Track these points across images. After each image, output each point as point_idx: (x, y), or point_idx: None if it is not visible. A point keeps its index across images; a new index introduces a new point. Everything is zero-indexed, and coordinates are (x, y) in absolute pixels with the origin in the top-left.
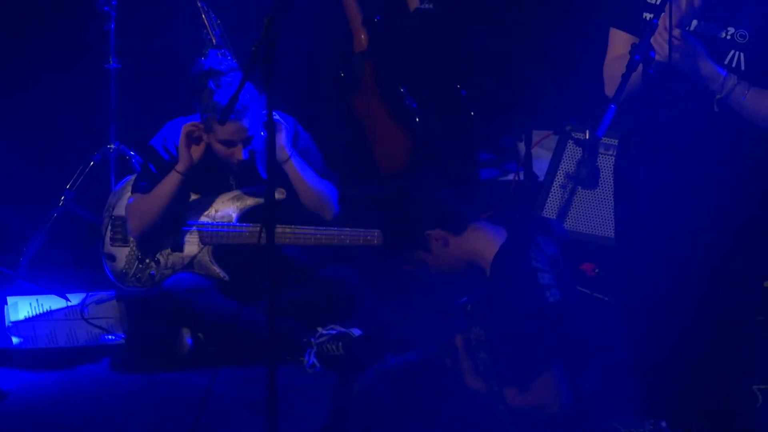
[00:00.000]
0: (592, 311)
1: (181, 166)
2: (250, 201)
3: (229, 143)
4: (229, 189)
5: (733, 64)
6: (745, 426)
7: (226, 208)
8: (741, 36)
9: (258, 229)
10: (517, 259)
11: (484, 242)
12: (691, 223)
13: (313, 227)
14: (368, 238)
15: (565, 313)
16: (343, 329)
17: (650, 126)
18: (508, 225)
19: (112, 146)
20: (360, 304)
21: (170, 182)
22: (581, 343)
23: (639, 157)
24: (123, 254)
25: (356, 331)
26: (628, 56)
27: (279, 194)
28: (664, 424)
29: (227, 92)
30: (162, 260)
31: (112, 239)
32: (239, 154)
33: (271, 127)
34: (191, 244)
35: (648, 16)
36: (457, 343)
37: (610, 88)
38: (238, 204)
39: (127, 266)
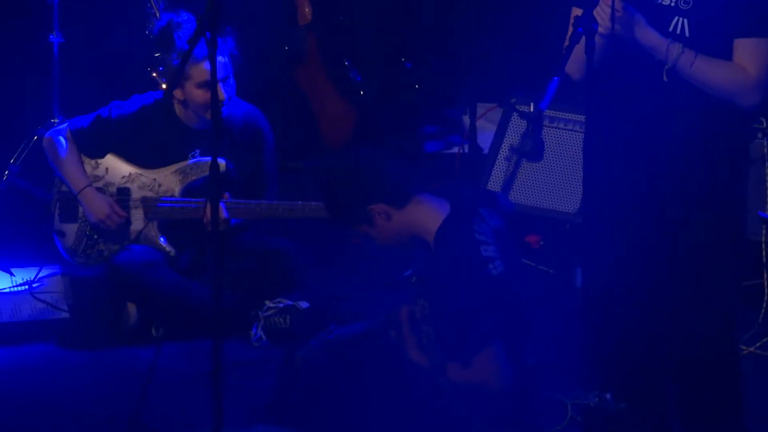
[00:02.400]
0: (537, 283)
1: (80, 188)
2: (193, 174)
3: (206, 84)
4: (185, 159)
5: (678, 31)
6: (729, 393)
7: (169, 182)
8: (684, 2)
9: (202, 203)
10: (460, 232)
11: (427, 215)
12: (649, 195)
13: (256, 201)
14: (313, 208)
15: (508, 285)
16: (290, 302)
17: (606, 101)
18: (452, 198)
19: (56, 120)
20: (307, 278)
21: (69, 177)
22: (523, 316)
23: (599, 132)
24: (72, 231)
25: (304, 304)
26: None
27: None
28: (609, 396)
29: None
30: (109, 235)
31: (60, 216)
32: (221, 93)
33: (215, 98)
34: (137, 219)
35: None
36: (402, 316)
37: (571, 65)
38: (181, 178)
39: (76, 242)
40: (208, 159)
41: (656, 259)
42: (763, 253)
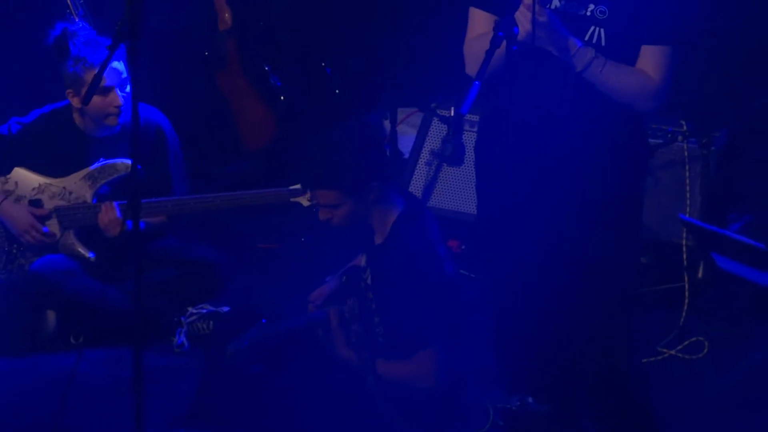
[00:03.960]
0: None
1: None
2: (102, 178)
3: (103, 90)
4: (89, 166)
5: (594, 40)
6: (635, 400)
7: (80, 189)
8: (601, 12)
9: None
10: (416, 229)
11: (382, 207)
12: (555, 199)
13: (169, 198)
14: (225, 199)
15: (456, 287)
16: (213, 308)
17: (513, 102)
18: (405, 194)
19: None
20: (229, 283)
21: None
22: (459, 319)
23: (501, 133)
24: None
25: (226, 309)
26: (491, 33)
27: (124, 167)
28: (530, 399)
29: (86, 48)
30: (29, 248)
31: None
32: (117, 100)
33: (135, 103)
34: (53, 228)
35: None
36: (331, 315)
37: (471, 67)
38: (91, 183)
39: None
40: (113, 161)
41: (554, 263)
42: (684, 256)
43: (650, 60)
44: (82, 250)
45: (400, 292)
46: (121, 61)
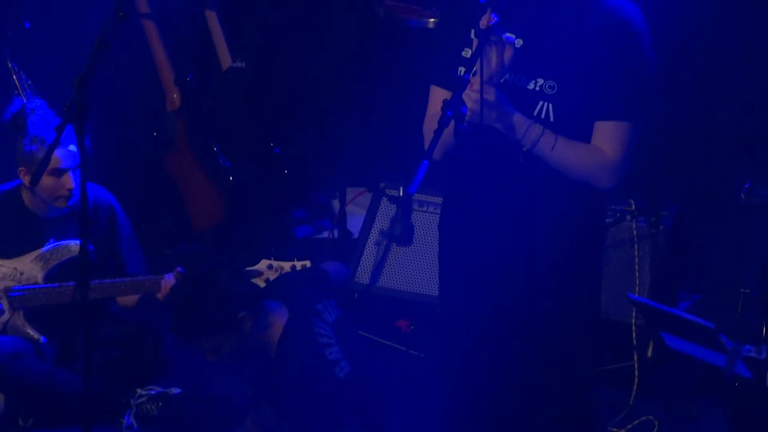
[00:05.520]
0: (407, 368)
1: None
2: (54, 259)
3: (57, 172)
4: (40, 247)
5: (542, 116)
6: None
7: (31, 270)
8: (549, 87)
9: (64, 286)
10: (301, 340)
11: (266, 326)
12: (507, 276)
13: (119, 278)
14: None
15: (357, 381)
16: (162, 389)
17: (465, 182)
18: (288, 301)
19: None
20: (177, 363)
21: None
22: (379, 401)
23: (456, 213)
24: None
25: (176, 391)
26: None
27: (76, 247)
28: None
29: (45, 127)
30: None
31: None
32: (70, 182)
33: (83, 182)
34: (2, 310)
35: (461, 70)
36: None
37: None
38: (42, 264)
39: None
40: (66, 242)
41: (512, 341)
42: (633, 335)
43: (604, 136)
44: (32, 332)
45: (295, 405)
46: (73, 144)
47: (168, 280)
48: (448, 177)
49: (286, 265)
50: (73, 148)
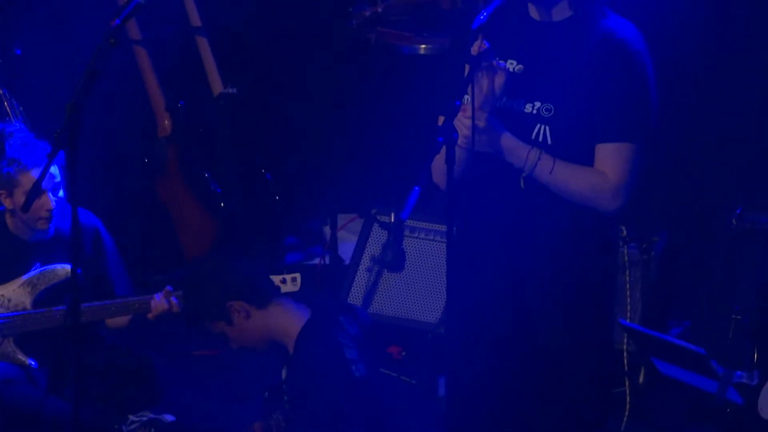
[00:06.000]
0: (399, 394)
1: None
2: (42, 284)
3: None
4: (25, 272)
5: (540, 139)
6: None
7: (18, 296)
8: (546, 110)
9: (52, 311)
10: (321, 335)
11: (288, 318)
12: (515, 300)
13: (108, 300)
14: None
15: (370, 388)
16: (154, 415)
17: (469, 207)
18: (312, 304)
19: None
20: (168, 390)
21: None
22: (383, 423)
23: (463, 238)
24: None
25: (169, 417)
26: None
27: (63, 272)
28: None
29: (23, 149)
30: None
31: None
32: (49, 203)
33: (75, 207)
34: None
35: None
36: (256, 428)
37: (436, 174)
38: (30, 290)
39: None
40: (53, 266)
41: (522, 370)
42: (625, 360)
43: (606, 158)
44: (22, 358)
45: (312, 399)
46: (55, 165)
47: (158, 300)
48: (450, 205)
49: (276, 279)
50: (51, 169)
